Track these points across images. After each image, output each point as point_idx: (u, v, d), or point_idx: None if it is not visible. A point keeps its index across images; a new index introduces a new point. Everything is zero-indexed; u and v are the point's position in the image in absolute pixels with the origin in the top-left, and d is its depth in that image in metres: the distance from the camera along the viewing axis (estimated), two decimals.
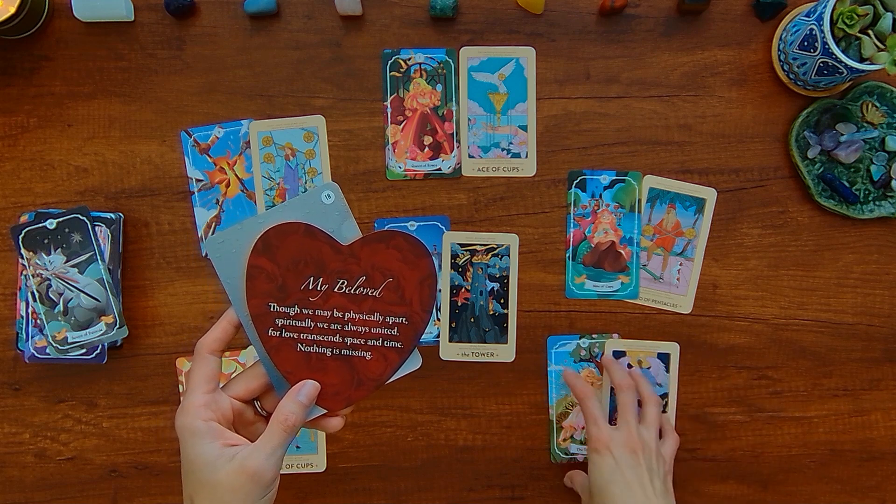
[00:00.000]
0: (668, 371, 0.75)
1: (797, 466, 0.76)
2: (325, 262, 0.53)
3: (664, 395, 0.75)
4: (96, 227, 0.72)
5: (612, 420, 0.73)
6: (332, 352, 0.53)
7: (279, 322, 0.53)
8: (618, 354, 0.75)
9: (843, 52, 0.64)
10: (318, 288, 0.53)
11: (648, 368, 0.75)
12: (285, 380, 0.53)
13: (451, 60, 0.74)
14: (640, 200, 0.74)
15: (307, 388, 0.52)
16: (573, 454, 0.75)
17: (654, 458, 0.66)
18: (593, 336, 0.75)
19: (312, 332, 0.53)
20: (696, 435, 0.76)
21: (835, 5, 0.64)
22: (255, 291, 0.52)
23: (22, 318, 0.73)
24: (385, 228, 0.54)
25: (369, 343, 0.54)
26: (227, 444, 0.50)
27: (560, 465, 0.76)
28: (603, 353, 0.74)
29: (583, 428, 0.75)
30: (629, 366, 0.75)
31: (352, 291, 0.53)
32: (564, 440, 0.75)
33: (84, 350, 0.72)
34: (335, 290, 0.53)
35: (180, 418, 0.51)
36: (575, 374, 0.73)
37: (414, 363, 0.55)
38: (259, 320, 0.53)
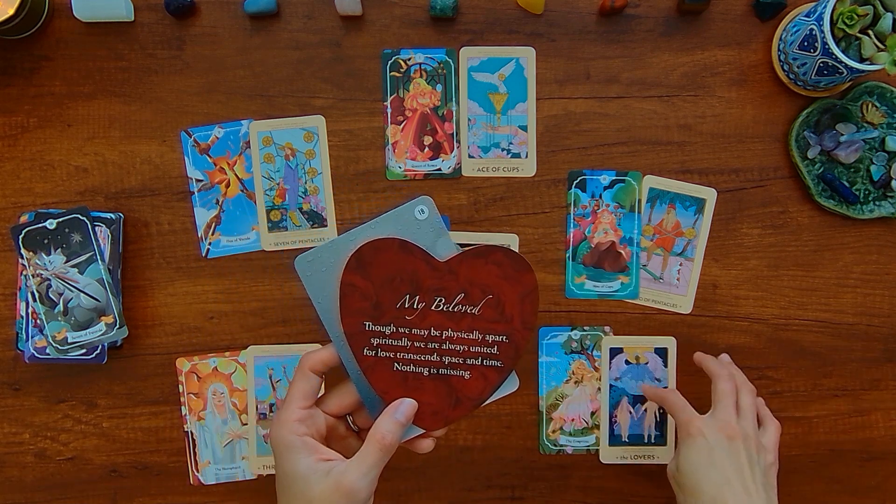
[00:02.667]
0: (665, 366, 0.75)
1: (797, 466, 0.76)
2: (421, 279, 0.51)
3: None
4: (96, 227, 0.72)
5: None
6: (429, 371, 0.52)
7: (374, 341, 0.51)
8: (615, 351, 0.75)
9: (843, 52, 0.64)
10: (415, 306, 0.51)
11: (646, 364, 0.75)
12: (380, 399, 0.52)
13: (451, 60, 0.74)
14: (640, 200, 0.74)
15: (405, 406, 0.51)
16: (562, 446, 0.75)
17: (753, 448, 0.62)
18: (585, 328, 0.75)
19: (409, 352, 0.52)
20: None
21: (835, 5, 0.64)
22: (350, 310, 0.51)
23: (22, 318, 0.73)
24: (484, 244, 0.52)
25: (468, 362, 0.52)
26: (322, 458, 0.50)
27: (550, 457, 0.76)
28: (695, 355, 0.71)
29: (572, 419, 0.75)
30: (627, 362, 0.75)
31: (450, 309, 0.51)
32: (554, 432, 0.75)
33: (84, 350, 0.72)
34: (432, 307, 0.51)
35: (276, 431, 0.50)
36: (650, 386, 0.73)
37: (511, 386, 0.53)
38: (354, 339, 0.51)
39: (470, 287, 0.51)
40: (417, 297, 0.51)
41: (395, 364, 0.52)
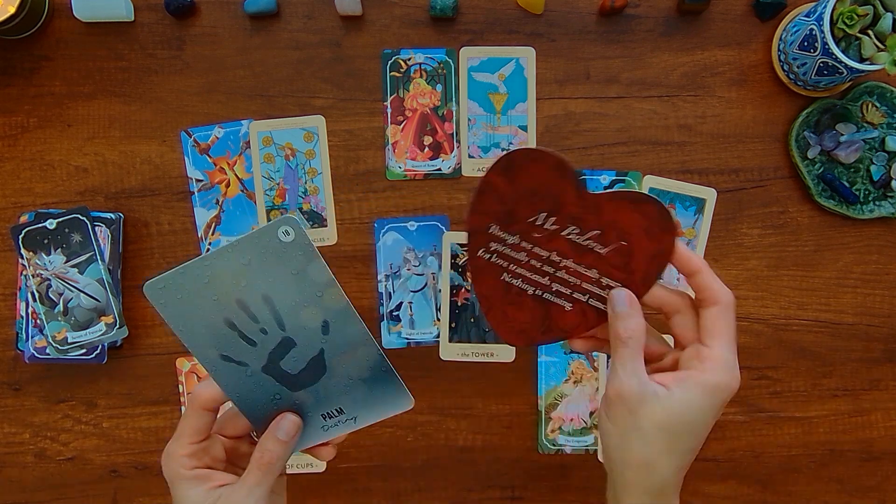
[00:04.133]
0: None
1: (797, 466, 0.76)
2: (563, 202, 0.48)
3: None
4: (96, 227, 0.72)
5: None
6: (534, 292, 0.50)
7: (493, 246, 0.50)
8: None
9: (843, 52, 0.64)
10: (547, 226, 0.49)
11: None
12: (264, 417, 0.50)
13: (451, 60, 0.74)
14: None
15: (285, 424, 0.49)
16: (561, 445, 0.75)
17: None
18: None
19: (523, 267, 0.50)
20: None
21: (835, 5, 0.64)
22: (480, 208, 0.49)
23: (22, 318, 0.73)
24: (641, 192, 0.48)
25: (574, 295, 0.50)
26: (214, 486, 0.48)
27: (550, 457, 0.76)
28: None
29: (571, 419, 0.75)
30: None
31: (579, 241, 0.49)
32: (553, 431, 0.75)
33: (84, 350, 0.72)
34: (563, 233, 0.49)
35: (165, 464, 0.49)
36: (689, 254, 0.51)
37: (401, 405, 0.51)
38: (474, 237, 0.50)
39: (608, 228, 0.49)
40: (554, 219, 0.49)
41: (505, 274, 0.50)
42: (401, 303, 0.75)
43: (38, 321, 0.72)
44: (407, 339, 0.75)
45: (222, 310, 0.47)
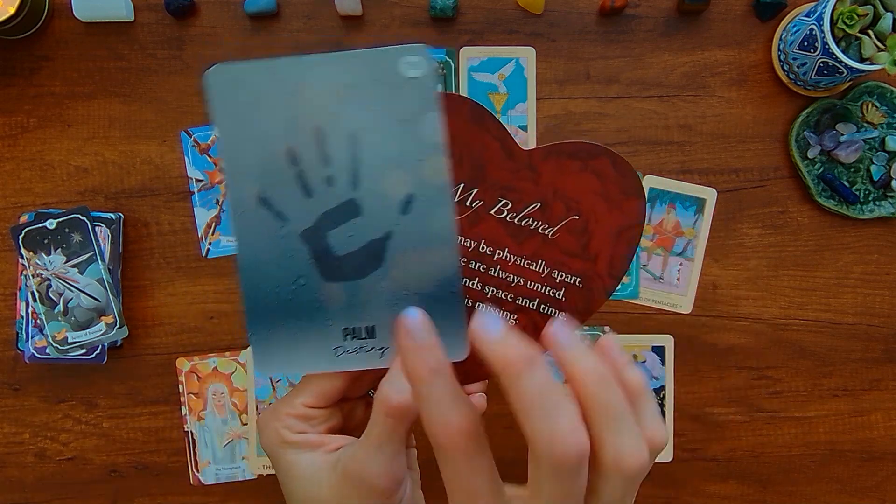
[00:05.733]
0: (663, 364, 0.75)
1: (797, 466, 0.76)
2: (488, 166, 0.36)
3: (661, 389, 0.75)
4: (96, 227, 0.72)
5: None
6: (466, 303, 0.38)
7: None
8: None
9: (843, 52, 0.64)
10: (469, 203, 0.37)
11: (644, 362, 0.75)
12: (270, 305, 0.36)
13: (451, 60, 0.74)
14: None
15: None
16: None
17: None
18: (584, 328, 0.75)
19: None
20: (696, 435, 0.76)
21: (835, 5, 0.64)
22: None
23: (22, 318, 0.73)
24: (585, 140, 0.35)
25: (520, 302, 0.37)
26: (329, 449, 0.37)
27: None
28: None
29: None
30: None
31: (515, 220, 0.37)
32: None
33: (84, 350, 0.72)
34: (491, 211, 0.36)
35: (264, 427, 0.37)
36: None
37: (451, 352, 0.34)
38: None
39: (552, 197, 0.36)
40: (475, 191, 0.36)
41: None
42: None
43: (38, 321, 0.72)
44: None
45: (292, 134, 0.34)
